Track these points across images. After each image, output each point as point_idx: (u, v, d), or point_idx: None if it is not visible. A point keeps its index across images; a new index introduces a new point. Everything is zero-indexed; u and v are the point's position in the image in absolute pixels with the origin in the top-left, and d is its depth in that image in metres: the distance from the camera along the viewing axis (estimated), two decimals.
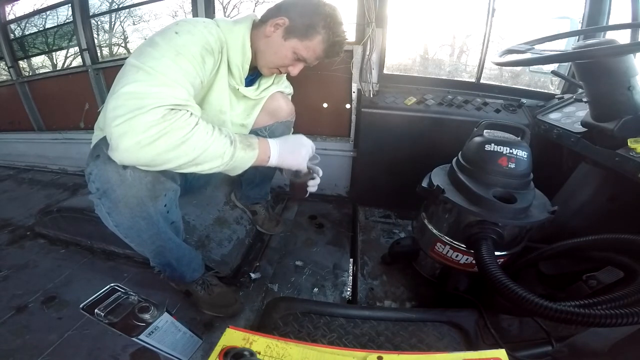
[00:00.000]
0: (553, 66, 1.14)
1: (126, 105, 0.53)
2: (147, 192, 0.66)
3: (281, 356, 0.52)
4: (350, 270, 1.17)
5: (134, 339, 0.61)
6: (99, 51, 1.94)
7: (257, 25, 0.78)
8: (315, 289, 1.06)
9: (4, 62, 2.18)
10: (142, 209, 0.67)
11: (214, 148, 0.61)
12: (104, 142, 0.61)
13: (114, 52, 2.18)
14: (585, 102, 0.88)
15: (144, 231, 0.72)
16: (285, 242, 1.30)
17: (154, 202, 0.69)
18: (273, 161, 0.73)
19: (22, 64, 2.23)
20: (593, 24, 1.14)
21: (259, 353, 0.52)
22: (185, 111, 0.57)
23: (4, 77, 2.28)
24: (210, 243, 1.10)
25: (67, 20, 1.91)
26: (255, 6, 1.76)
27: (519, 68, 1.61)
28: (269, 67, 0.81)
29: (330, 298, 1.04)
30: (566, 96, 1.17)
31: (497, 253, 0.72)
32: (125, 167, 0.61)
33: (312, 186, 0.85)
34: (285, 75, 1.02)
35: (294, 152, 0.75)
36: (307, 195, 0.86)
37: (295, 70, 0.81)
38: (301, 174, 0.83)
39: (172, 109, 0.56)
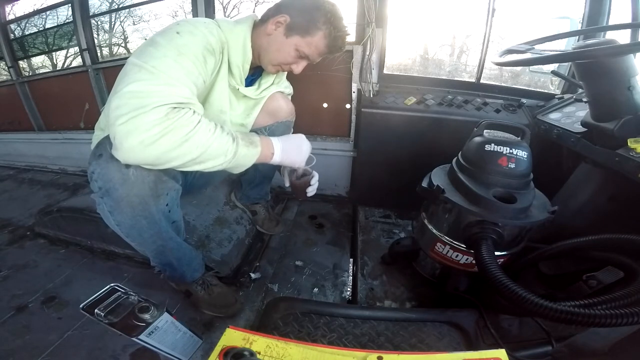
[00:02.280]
0: (553, 66, 1.14)
1: (129, 104, 0.53)
2: (150, 191, 0.66)
3: (281, 356, 0.52)
4: (350, 270, 1.17)
5: (134, 339, 0.61)
6: (99, 51, 1.94)
7: (257, 25, 0.79)
8: (315, 289, 1.06)
9: (4, 62, 2.18)
10: (144, 208, 0.67)
11: (217, 146, 0.61)
12: (107, 141, 0.62)
13: (114, 52, 2.18)
14: (585, 102, 0.88)
15: (146, 230, 0.72)
16: (285, 242, 1.30)
17: (156, 201, 0.69)
18: (277, 158, 0.73)
19: (22, 64, 2.23)
20: (593, 24, 1.14)
21: (259, 353, 0.52)
22: (187, 109, 0.58)
23: (4, 77, 2.28)
24: (210, 243, 1.10)
25: (67, 20, 1.91)
26: (255, 6, 1.76)
27: (519, 68, 1.61)
28: (273, 65, 0.81)
29: (330, 298, 1.04)
30: (566, 96, 1.17)
31: (497, 253, 0.72)
32: (127, 166, 0.61)
33: (311, 191, 0.86)
34: (286, 75, 1.02)
35: (296, 149, 0.76)
36: (308, 196, 0.87)
37: (298, 68, 0.81)
38: (300, 174, 0.84)
39: (175, 108, 0.56)
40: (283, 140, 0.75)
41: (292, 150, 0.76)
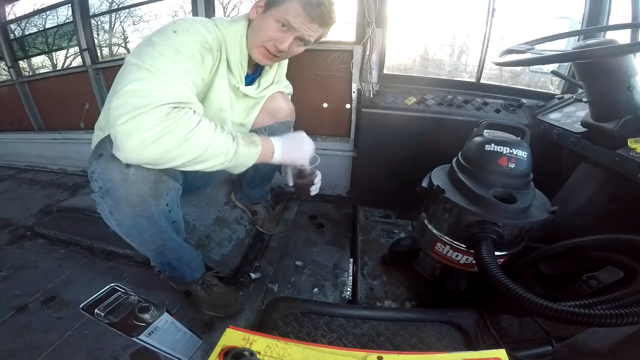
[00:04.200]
0: (553, 66, 1.14)
1: (129, 103, 0.53)
2: (150, 190, 0.66)
3: (281, 356, 0.52)
4: (350, 270, 1.17)
5: (134, 339, 0.61)
6: (99, 51, 1.94)
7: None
8: (315, 289, 1.06)
9: (4, 62, 2.18)
10: (144, 207, 0.67)
11: (217, 145, 0.61)
12: (107, 141, 0.62)
13: (114, 52, 2.18)
14: (585, 102, 0.88)
15: (146, 230, 0.72)
16: (285, 242, 1.30)
17: (156, 201, 0.69)
18: (277, 157, 0.73)
19: (22, 64, 2.23)
20: (593, 24, 1.14)
21: (259, 353, 0.52)
22: (188, 109, 0.58)
23: (4, 77, 2.28)
24: (210, 243, 1.10)
25: (67, 20, 1.91)
26: None
27: (519, 68, 1.61)
28: (257, 47, 0.76)
29: (330, 298, 1.04)
30: (566, 96, 1.17)
31: (497, 253, 0.72)
32: (128, 165, 0.61)
33: (314, 191, 0.85)
34: (285, 73, 1.02)
35: (297, 147, 0.76)
36: (310, 195, 0.86)
37: (283, 44, 0.73)
38: (304, 173, 0.84)
39: (175, 107, 0.56)
40: (283, 140, 0.74)
41: (294, 149, 0.75)
